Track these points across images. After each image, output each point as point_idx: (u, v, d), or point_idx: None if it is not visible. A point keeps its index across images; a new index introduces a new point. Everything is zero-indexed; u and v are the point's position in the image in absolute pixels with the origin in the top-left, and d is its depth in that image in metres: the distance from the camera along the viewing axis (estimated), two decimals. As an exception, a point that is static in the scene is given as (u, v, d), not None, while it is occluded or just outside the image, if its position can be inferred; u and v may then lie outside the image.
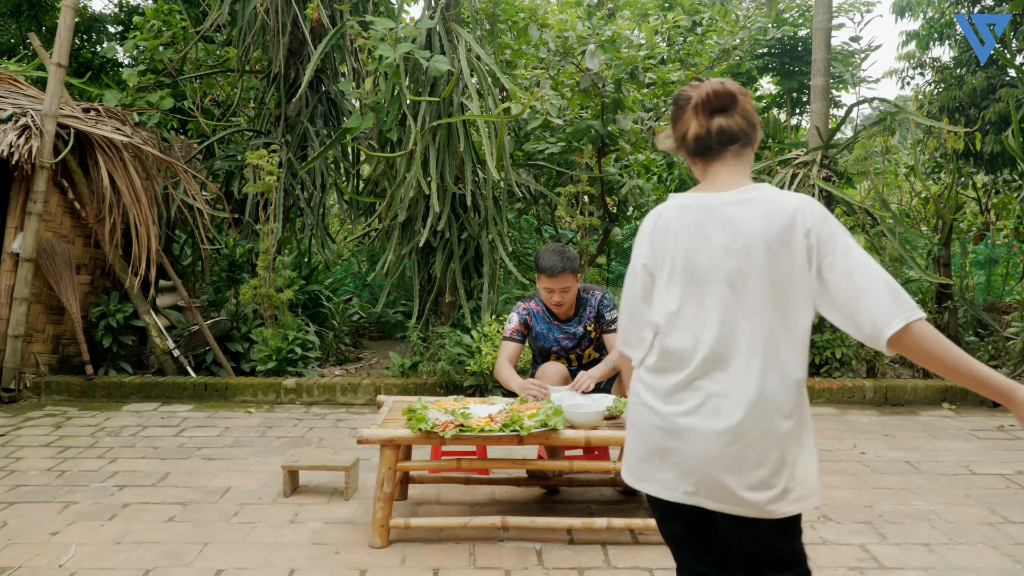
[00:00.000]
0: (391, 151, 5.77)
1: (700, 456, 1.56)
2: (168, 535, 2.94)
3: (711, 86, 1.63)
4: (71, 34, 5.33)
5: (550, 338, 3.51)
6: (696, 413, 1.57)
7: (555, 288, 3.35)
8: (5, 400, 5.06)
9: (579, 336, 3.50)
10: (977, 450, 4.24)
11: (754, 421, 1.53)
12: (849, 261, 1.53)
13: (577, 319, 3.50)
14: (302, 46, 6.40)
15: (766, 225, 1.55)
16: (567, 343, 3.50)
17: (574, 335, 3.50)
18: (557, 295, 3.37)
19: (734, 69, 8.29)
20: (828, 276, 1.54)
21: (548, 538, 2.92)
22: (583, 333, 3.50)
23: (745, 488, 1.53)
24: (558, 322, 3.52)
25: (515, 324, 3.51)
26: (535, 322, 3.54)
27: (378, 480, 2.84)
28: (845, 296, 1.53)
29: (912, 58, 7.79)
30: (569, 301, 3.42)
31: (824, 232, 1.55)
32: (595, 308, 3.49)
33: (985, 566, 2.75)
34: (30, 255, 5.14)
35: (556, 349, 3.52)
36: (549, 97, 5.69)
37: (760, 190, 1.61)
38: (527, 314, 3.54)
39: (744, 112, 1.65)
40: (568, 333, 3.50)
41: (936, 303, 6.23)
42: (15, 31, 8.98)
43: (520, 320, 3.52)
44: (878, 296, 1.49)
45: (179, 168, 5.92)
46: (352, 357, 6.36)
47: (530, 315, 3.55)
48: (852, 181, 7.12)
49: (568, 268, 3.31)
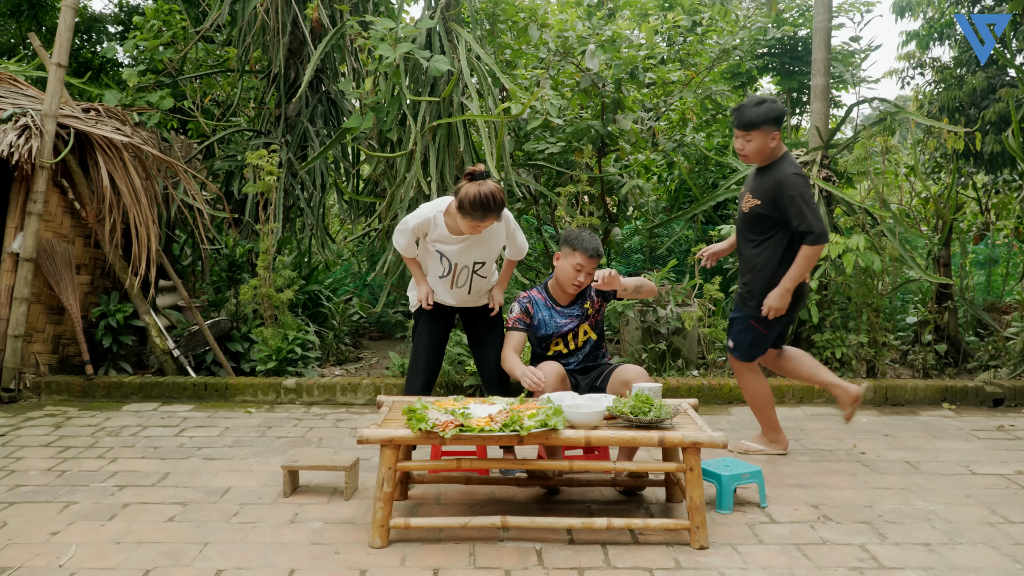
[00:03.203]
0: (391, 151, 5.77)
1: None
2: (168, 535, 2.94)
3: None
4: (71, 34, 5.33)
5: (551, 324, 3.58)
6: None
7: (586, 268, 3.48)
8: (5, 400, 5.06)
9: (578, 316, 3.60)
10: (977, 450, 4.25)
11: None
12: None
13: (578, 303, 3.61)
14: (302, 46, 6.40)
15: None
16: (568, 326, 3.58)
17: (574, 316, 3.60)
18: (584, 275, 3.50)
19: (734, 69, 8.29)
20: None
21: (548, 538, 2.92)
22: (581, 312, 3.61)
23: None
24: (559, 307, 3.60)
25: (517, 313, 3.59)
26: (536, 310, 3.61)
27: (378, 480, 2.84)
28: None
29: (912, 58, 7.79)
30: (587, 283, 3.55)
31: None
32: (594, 290, 3.62)
33: (985, 566, 2.75)
34: (30, 255, 5.14)
35: (556, 335, 3.58)
36: (549, 97, 5.69)
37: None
38: (528, 302, 3.61)
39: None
40: (570, 316, 3.60)
41: (936, 303, 6.23)
42: (15, 31, 8.98)
43: (521, 309, 3.59)
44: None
45: (179, 168, 5.92)
46: (352, 357, 6.36)
47: (531, 303, 3.61)
48: (852, 181, 7.10)
49: (601, 253, 3.52)
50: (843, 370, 5.63)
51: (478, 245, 3.52)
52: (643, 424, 2.89)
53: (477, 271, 3.58)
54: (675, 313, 5.66)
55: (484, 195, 3.24)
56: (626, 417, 2.91)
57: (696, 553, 2.81)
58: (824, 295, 5.75)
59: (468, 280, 3.59)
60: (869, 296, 5.60)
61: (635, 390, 3.04)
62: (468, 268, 3.56)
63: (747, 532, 3.02)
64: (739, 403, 5.31)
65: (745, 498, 3.38)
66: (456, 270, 3.55)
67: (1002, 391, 5.41)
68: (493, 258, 3.64)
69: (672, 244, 7.56)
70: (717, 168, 7.70)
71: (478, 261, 3.56)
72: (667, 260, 7.30)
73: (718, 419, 4.88)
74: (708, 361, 5.84)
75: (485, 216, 3.30)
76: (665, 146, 6.97)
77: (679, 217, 6.80)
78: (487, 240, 3.53)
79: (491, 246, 3.57)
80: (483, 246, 3.54)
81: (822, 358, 5.60)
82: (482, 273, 3.60)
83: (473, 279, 3.60)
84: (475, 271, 3.58)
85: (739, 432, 4.55)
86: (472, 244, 3.51)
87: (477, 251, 3.54)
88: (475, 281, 3.61)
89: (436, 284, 3.64)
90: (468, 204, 3.26)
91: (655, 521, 2.91)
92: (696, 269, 5.98)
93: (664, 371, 5.64)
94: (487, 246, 3.55)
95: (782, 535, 3.00)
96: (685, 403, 3.27)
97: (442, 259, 3.54)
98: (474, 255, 3.54)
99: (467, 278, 3.59)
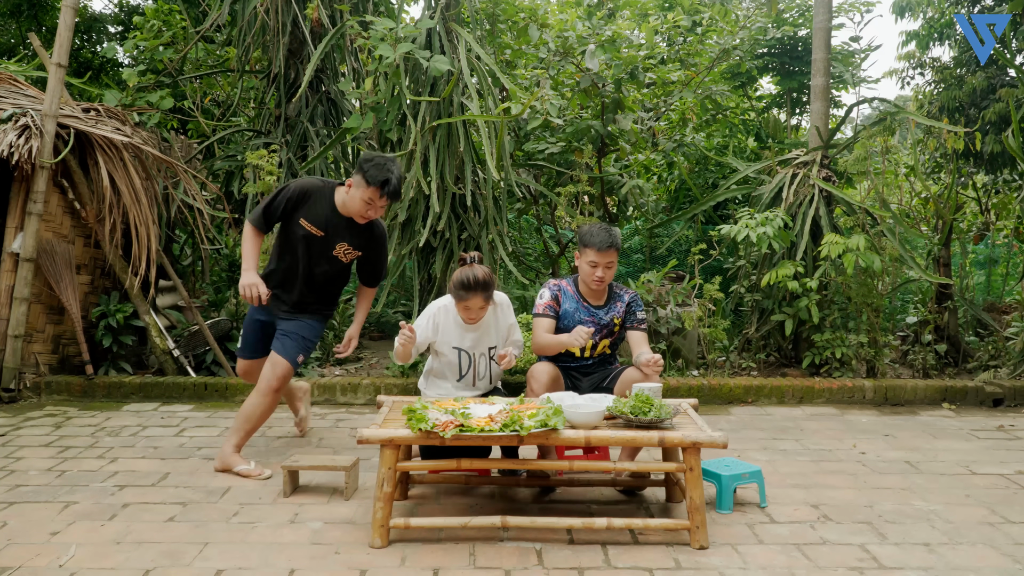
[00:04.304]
0: (391, 151, 5.77)
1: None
2: (168, 535, 2.94)
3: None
4: (71, 34, 5.33)
5: (575, 318, 3.54)
6: None
7: (600, 263, 3.44)
8: (5, 400, 5.06)
9: (603, 324, 3.55)
10: (977, 450, 4.25)
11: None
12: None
13: (607, 308, 3.56)
14: (302, 46, 6.40)
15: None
16: (590, 327, 3.52)
17: (599, 321, 3.55)
18: (600, 270, 3.45)
19: (734, 69, 8.28)
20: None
21: (548, 538, 2.92)
22: (608, 322, 3.55)
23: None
24: (587, 304, 3.55)
25: (547, 300, 3.56)
26: (564, 299, 3.58)
27: (378, 480, 2.84)
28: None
29: (912, 58, 7.78)
30: (610, 279, 3.49)
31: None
32: (626, 304, 3.59)
33: (985, 566, 2.75)
34: (30, 255, 5.14)
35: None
36: (549, 97, 5.69)
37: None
38: (558, 290, 3.59)
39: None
40: (594, 317, 3.54)
41: (936, 303, 6.23)
42: (15, 31, 8.97)
43: (552, 295, 3.56)
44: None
45: (179, 168, 5.92)
46: (352, 357, 6.36)
47: (560, 292, 3.59)
48: (852, 181, 7.10)
49: (614, 244, 3.44)
50: (843, 370, 5.63)
51: (486, 334, 3.54)
52: (643, 424, 2.89)
53: (492, 357, 3.57)
54: (675, 313, 5.66)
55: (466, 274, 3.33)
56: (626, 417, 2.91)
57: (696, 553, 2.81)
58: (824, 295, 5.76)
59: (488, 369, 3.56)
60: (869, 296, 5.60)
61: (635, 390, 3.04)
62: (485, 355, 3.55)
63: (747, 532, 3.02)
64: (739, 403, 5.31)
65: (745, 498, 3.38)
66: (475, 360, 3.54)
67: (1002, 391, 5.41)
68: (504, 342, 3.62)
69: (672, 244, 7.55)
70: (717, 168, 7.70)
71: (492, 346, 3.56)
72: (667, 260, 7.30)
73: (718, 419, 4.88)
74: (708, 361, 5.84)
75: (468, 293, 3.33)
76: (665, 146, 6.97)
77: (679, 217, 6.80)
78: (493, 325, 3.55)
79: (500, 329, 3.58)
80: (491, 333, 3.55)
81: (822, 358, 5.61)
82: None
83: (491, 366, 3.58)
84: (491, 358, 3.57)
85: (739, 432, 4.56)
86: (483, 332, 3.52)
87: (489, 337, 3.55)
88: (493, 368, 3.59)
89: (457, 387, 3.56)
90: (453, 284, 3.38)
91: (655, 521, 2.91)
92: (696, 269, 5.98)
93: (664, 371, 5.64)
94: (496, 332, 3.56)
95: (782, 535, 3.00)
96: (685, 403, 3.27)
97: (460, 355, 3.51)
98: (487, 342, 3.54)
99: (486, 367, 3.56)
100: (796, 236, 5.67)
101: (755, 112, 9.31)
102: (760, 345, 6.12)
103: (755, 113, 9.31)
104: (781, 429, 4.67)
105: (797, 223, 5.72)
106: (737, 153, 8.00)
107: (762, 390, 5.37)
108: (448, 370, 3.54)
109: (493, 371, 3.59)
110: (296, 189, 3.57)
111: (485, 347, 3.54)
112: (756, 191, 6.25)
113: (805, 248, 5.62)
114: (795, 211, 5.80)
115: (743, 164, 6.62)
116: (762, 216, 5.43)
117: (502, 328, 3.58)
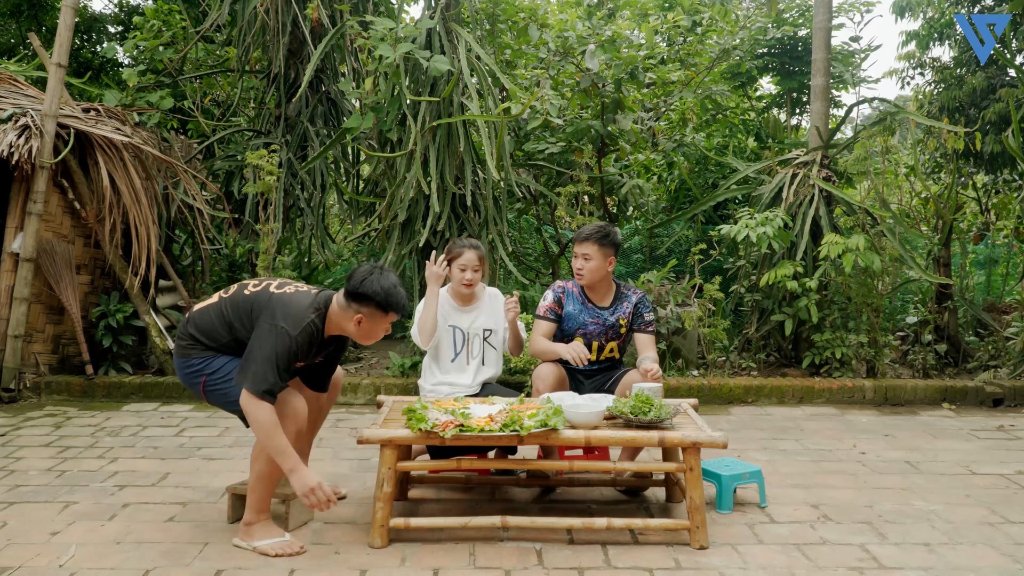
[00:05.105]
0: (391, 151, 5.77)
1: None
2: (168, 535, 2.94)
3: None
4: (71, 34, 5.33)
5: (579, 320, 3.54)
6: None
7: (578, 253, 3.48)
8: (5, 400, 5.06)
9: (608, 325, 3.54)
10: (977, 450, 4.25)
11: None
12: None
13: (612, 309, 3.55)
14: (302, 46, 6.40)
15: None
16: (594, 328, 3.53)
17: (604, 322, 3.54)
18: (579, 260, 3.48)
19: (734, 69, 8.28)
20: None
21: (548, 538, 2.92)
22: (614, 323, 3.54)
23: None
24: (591, 305, 3.55)
25: (549, 302, 3.57)
26: (568, 300, 3.58)
27: (378, 480, 2.84)
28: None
29: (912, 58, 7.78)
30: (589, 272, 3.48)
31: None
32: (633, 305, 3.57)
33: (985, 566, 2.75)
34: (30, 255, 5.14)
35: (581, 332, 3.53)
36: (549, 97, 5.69)
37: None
38: (561, 292, 3.59)
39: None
40: (599, 319, 3.54)
41: (936, 303, 6.23)
42: (15, 31, 8.97)
43: (554, 298, 3.57)
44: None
45: (179, 168, 5.92)
46: (352, 357, 6.35)
47: (564, 293, 3.59)
48: (852, 181, 7.10)
49: (592, 238, 3.47)
50: (843, 370, 5.63)
51: (483, 314, 3.59)
52: (643, 424, 2.89)
53: (488, 339, 3.60)
54: (675, 313, 5.66)
55: (455, 241, 3.58)
56: (626, 417, 2.91)
57: (696, 553, 2.81)
58: (824, 295, 5.76)
59: (481, 351, 3.58)
60: (869, 296, 5.60)
61: (635, 390, 3.04)
62: (479, 336, 3.58)
63: (747, 532, 3.02)
64: (739, 403, 5.31)
65: (745, 498, 3.38)
66: (469, 339, 3.56)
67: (1002, 391, 5.41)
68: (501, 329, 3.65)
69: (672, 244, 7.55)
70: (717, 168, 7.70)
71: (487, 328, 3.59)
72: (667, 260, 7.30)
73: (718, 419, 4.88)
74: (708, 361, 5.85)
75: (462, 248, 3.51)
76: (665, 146, 6.97)
77: (679, 217, 6.80)
78: (487, 306, 3.61)
79: (494, 313, 3.62)
80: (485, 313, 3.60)
81: (822, 358, 5.61)
82: (493, 343, 3.62)
83: (485, 348, 3.60)
84: (486, 339, 3.59)
85: (739, 432, 4.56)
86: (476, 313, 3.58)
87: (483, 319, 3.59)
88: (487, 351, 3.60)
89: (450, 371, 3.57)
90: (448, 246, 3.56)
91: (655, 521, 2.91)
92: (696, 269, 5.98)
93: (664, 371, 5.64)
94: (490, 314, 3.61)
95: (782, 535, 3.00)
96: (685, 403, 3.27)
97: (455, 332, 3.55)
98: (481, 323, 3.58)
99: (480, 348, 3.58)
100: (796, 236, 5.68)
101: (755, 112, 9.31)
102: (760, 345, 6.12)
103: (755, 113, 9.31)
104: (781, 429, 4.67)
105: (797, 223, 5.72)
106: (737, 153, 7.99)
107: (762, 390, 5.37)
108: (443, 349, 3.57)
109: (487, 354, 3.61)
110: (301, 344, 2.81)
111: (480, 328, 3.58)
112: (756, 191, 6.25)
113: (805, 248, 5.62)
114: (795, 211, 5.80)
115: (743, 164, 6.62)
116: (762, 216, 5.43)
117: (497, 313, 3.63)
